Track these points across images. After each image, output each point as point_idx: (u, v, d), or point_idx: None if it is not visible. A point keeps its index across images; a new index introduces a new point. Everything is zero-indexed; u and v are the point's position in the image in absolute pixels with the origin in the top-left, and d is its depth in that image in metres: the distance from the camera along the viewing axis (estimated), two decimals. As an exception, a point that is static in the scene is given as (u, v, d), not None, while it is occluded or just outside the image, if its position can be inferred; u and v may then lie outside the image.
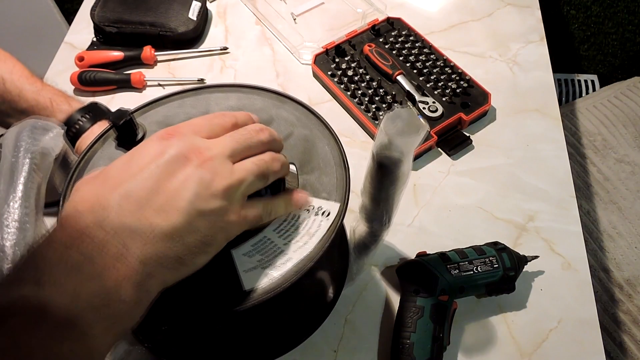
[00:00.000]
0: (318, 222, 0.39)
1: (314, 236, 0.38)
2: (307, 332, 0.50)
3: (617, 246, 0.86)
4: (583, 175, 0.95)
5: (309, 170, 0.42)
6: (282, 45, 0.81)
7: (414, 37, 0.78)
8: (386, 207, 0.44)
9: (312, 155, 0.43)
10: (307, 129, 0.45)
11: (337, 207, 0.40)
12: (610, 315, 0.80)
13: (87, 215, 0.28)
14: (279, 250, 0.37)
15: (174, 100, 0.48)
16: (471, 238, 0.57)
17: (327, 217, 0.39)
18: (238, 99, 0.47)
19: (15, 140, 0.48)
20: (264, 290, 0.35)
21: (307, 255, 0.37)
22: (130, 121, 0.43)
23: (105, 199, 0.28)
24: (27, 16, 1.45)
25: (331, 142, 0.44)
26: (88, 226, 0.28)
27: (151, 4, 0.80)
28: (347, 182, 0.41)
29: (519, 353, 0.52)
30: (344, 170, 0.42)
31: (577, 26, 1.41)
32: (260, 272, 0.36)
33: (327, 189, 0.41)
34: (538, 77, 0.76)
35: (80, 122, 0.57)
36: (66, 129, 0.55)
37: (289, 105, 0.46)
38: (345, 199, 0.40)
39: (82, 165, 0.43)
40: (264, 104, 0.47)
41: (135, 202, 0.28)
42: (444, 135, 0.68)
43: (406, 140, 0.35)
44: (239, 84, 0.48)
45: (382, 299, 0.56)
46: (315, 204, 0.40)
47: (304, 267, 0.36)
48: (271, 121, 0.45)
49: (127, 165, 0.30)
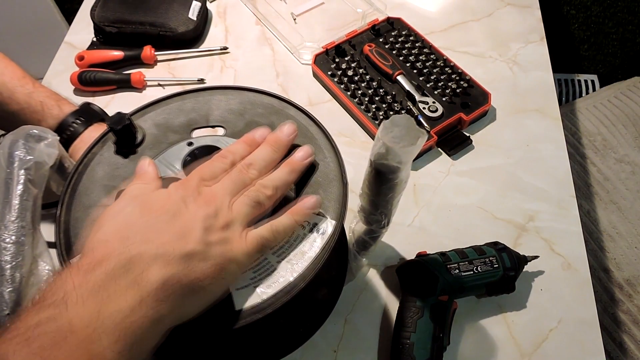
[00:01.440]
0: (312, 240, 0.38)
1: (308, 254, 0.37)
2: (306, 335, 0.50)
3: (617, 246, 0.86)
4: (583, 175, 0.95)
5: (306, 183, 0.41)
6: (282, 45, 0.81)
7: (414, 37, 0.78)
8: (385, 211, 0.44)
9: (311, 167, 0.42)
10: (308, 138, 0.44)
11: (333, 225, 0.39)
12: (610, 315, 0.80)
13: (114, 242, 0.31)
14: (272, 268, 0.37)
15: (174, 101, 0.47)
16: (471, 238, 0.57)
17: (322, 234, 0.38)
18: (240, 103, 0.47)
19: (9, 149, 0.47)
20: (254, 310, 0.35)
21: (300, 275, 0.36)
22: (129, 125, 0.43)
23: (127, 231, 0.32)
24: (27, 16, 1.45)
25: (331, 154, 0.42)
26: (115, 249, 0.30)
27: (151, 4, 0.80)
28: (344, 199, 0.40)
29: (519, 353, 0.52)
30: (342, 186, 0.40)
31: (577, 26, 1.41)
32: (251, 290, 0.36)
33: (323, 205, 0.40)
34: (538, 77, 0.76)
35: (72, 127, 0.57)
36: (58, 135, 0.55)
37: (291, 111, 0.46)
38: (341, 217, 0.39)
39: (81, 169, 0.43)
40: (265, 109, 0.46)
41: (155, 232, 0.32)
42: (444, 135, 0.68)
43: (404, 149, 0.35)
44: (241, 87, 0.48)
45: (382, 298, 0.56)
46: (310, 219, 0.39)
47: (297, 287, 0.36)
48: (272, 128, 0.44)
49: (144, 207, 0.34)
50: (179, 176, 0.42)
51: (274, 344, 0.49)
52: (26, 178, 0.47)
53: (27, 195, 0.46)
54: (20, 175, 0.47)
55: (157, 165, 0.42)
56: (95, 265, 0.29)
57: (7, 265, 0.43)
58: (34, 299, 0.29)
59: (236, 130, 0.45)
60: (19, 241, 0.44)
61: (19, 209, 0.46)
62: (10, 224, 0.45)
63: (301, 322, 0.51)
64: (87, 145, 0.44)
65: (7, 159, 0.47)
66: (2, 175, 0.46)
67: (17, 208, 0.46)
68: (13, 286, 0.43)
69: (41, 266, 0.46)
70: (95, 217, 0.40)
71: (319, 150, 0.43)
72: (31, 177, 0.47)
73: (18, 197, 0.46)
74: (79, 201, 0.41)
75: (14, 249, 0.44)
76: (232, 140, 0.44)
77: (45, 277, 0.46)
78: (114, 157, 0.43)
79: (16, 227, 0.45)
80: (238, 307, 0.35)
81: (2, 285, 0.43)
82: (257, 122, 0.45)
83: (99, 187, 0.42)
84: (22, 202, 0.46)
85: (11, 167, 0.47)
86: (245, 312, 0.35)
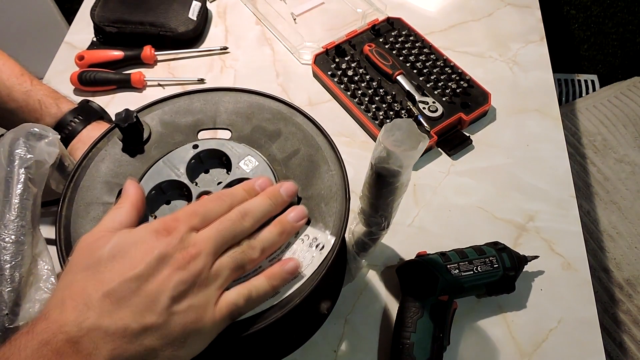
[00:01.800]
0: (311, 256, 0.37)
1: (305, 270, 0.37)
2: (305, 336, 0.50)
3: (617, 246, 0.86)
4: (583, 175, 0.95)
5: (309, 195, 0.41)
6: (282, 45, 0.81)
7: (414, 37, 0.78)
8: (385, 214, 0.44)
9: (314, 179, 0.41)
10: (314, 148, 0.43)
11: (332, 241, 0.38)
12: (610, 315, 0.80)
13: (70, 313, 0.30)
14: None
15: (182, 100, 0.47)
16: (471, 238, 0.57)
17: (321, 250, 0.37)
18: (248, 106, 0.46)
19: (10, 147, 0.47)
20: (248, 324, 0.35)
21: (296, 290, 0.36)
22: (136, 123, 0.43)
23: (89, 297, 0.30)
24: (27, 16, 1.45)
25: (336, 167, 0.42)
26: (67, 323, 0.29)
27: (151, 4, 0.80)
28: (346, 215, 0.39)
29: (519, 353, 0.52)
30: (345, 201, 0.39)
31: (577, 26, 1.41)
32: None
33: (324, 219, 0.39)
34: (538, 77, 0.76)
35: (71, 125, 0.56)
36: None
37: (299, 119, 0.45)
38: (341, 233, 0.38)
39: (85, 164, 0.43)
40: (273, 115, 0.45)
41: (115, 302, 0.30)
42: (444, 135, 0.68)
43: (406, 153, 0.34)
44: (250, 90, 0.47)
45: (382, 299, 0.56)
46: (310, 233, 0.38)
47: (292, 302, 0.35)
48: (279, 135, 0.44)
49: (119, 261, 0.31)
50: (182, 179, 0.42)
51: (267, 350, 0.49)
52: (26, 177, 0.47)
53: (27, 194, 0.46)
54: (21, 174, 0.46)
55: (161, 166, 0.42)
56: (47, 340, 0.29)
57: (7, 265, 0.43)
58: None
59: (242, 134, 0.45)
60: (18, 240, 0.44)
61: (19, 208, 0.46)
62: (10, 223, 0.45)
63: (296, 329, 0.51)
64: (85, 144, 0.44)
65: (7, 158, 0.47)
66: (2, 174, 0.46)
67: (17, 207, 0.45)
68: (12, 286, 0.43)
69: (40, 265, 0.46)
70: (96, 215, 0.40)
71: (324, 161, 0.42)
72: (31, 176, 0.47)
73: (18, 196, 0.46)
74: (81, 196, 0.41)
75: (13, 249, 0.44)
76: (238, 145, 0.44)
77: (45, 277, 0.46)
78: (118, 153, 0.43)
79: (16, 226, 0.45)
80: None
81: (2, 284, 0.43)
82: (264, 127, 0.45)
83: (101, 184, 0.42)
84: (22, 201, 0.46)
85: (11, 165, 0.46)
86: (239, 325, 0.35)
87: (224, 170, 0.44)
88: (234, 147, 0.43)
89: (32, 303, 0.44)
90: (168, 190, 0.42)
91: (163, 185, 0.42)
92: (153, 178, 0.41)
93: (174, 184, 0.42)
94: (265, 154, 0.43)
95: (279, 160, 0.43)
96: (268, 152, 0.43)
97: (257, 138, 0.44)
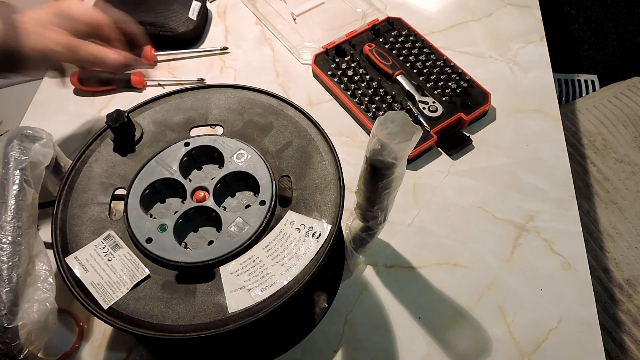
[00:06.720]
0: (307, 244, 0.38)
1: (302, 258, 0.37)
2: (302, 334, 0.50)
3: (617, 246, 0.86)
4: (583, 175, 0.95)
5: (303, 185, 0.41)
6: (282, 45, 0.81)
7: (414, 37, 0.78)
8: (381, 207, 0.44)
9: (308, 169, 0.42)
10: (306, 140, 0.43)
11: (329, 229, 0.38)
12: (610, 315, 0.80)
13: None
14: (266, 271, 0.36)
15: (173, 99, 0.47)
16: (471, 238, 0.57)
17: (317, 239, 0.38)
18: (239, 101, 0.47)
19: (4, 150, 0.47)
20: (247, 313, 0.35)
21: (294, 279, 0.36)
22: (127, 123, 0.43)
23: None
24: (27, 16, 1.44)
25: (329, 157, 0.42)
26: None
27: (151, 4, 0.80)
28: (341, 203, 0.39)
29: (519, 353, 0.52)
30: (339, 189, 0.40)
31: (577, 26, 1.41)
32: (245, 293, 0.35)
33: (319, 208, 0.39)
34: (538, 77, 0.76)
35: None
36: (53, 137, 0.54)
37: (290, 111, 0.45)
38: (337, 221, 0.38)
39: (79, 166, 0.43)
40: (264, 109, 0.46)
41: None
42: (444, 135, 0.68)
43: (399, 145, 0.35)
44: (241, 85, 0.48)
45: (382, 299, 0.56)
46: (306, 222, 0.38)
47: (290, 291, 0.35)
48: (271, 129, 0.44)
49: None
50: (175, 177, 0.42)
51: (269, 343, 0.49)
52: (21, 178, 0.47)
53: (23, 195, 0.47)
54: (16, 175, 0.47)
55: (154, 165, 0.42)
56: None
57: (4, 266, 0.43)
58: None
59: (235, 129, 0.45)
60: (15, 241, 0.45)
61: (15, 209, 0.46)
62: (6, 225, 0.45)
63: (296, 322, 0.51)
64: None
65: (2, 160, 0.47)
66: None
67: (13, 208, 0.46)
68: (10, 286, 0.43)
69: (38, 266, 0.47)
70: (92, 215, 0.40)
71: (317, 152, 0.42)
72: (26, 178, 0.47)
73: (14, 197, 0.46)
74: (76, 198, 0.41)
75: (10, 249, 0.44)
76: (229, 140, 0.44)
77: (42, 277, 0.46)
78: (111, 154, 0.43)
79: (12, 227, 0.45)
80: (231, 309, 0.35)
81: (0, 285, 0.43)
82: (256, 121, 0.45)
83: (96, 185, 0.42)
84: (17, 203, 0.46)
85: (6, 167, 0.47)
86: (238, 314, 0.35)
87: (216, 166, 0.44)
88: (226, 142, 0.43)
89: (30, 303, 0.44)
90: (162, 189, 0.42)
91: (157, 184, 0.42)
92: (147, 177, 0.42)
93: (168, 182, 0.42)
94: (258, 147, 0.44)
95: (272, 152, 0.43)
96: (261, 146, 0.44)
97: (249, 132, 0.45)
